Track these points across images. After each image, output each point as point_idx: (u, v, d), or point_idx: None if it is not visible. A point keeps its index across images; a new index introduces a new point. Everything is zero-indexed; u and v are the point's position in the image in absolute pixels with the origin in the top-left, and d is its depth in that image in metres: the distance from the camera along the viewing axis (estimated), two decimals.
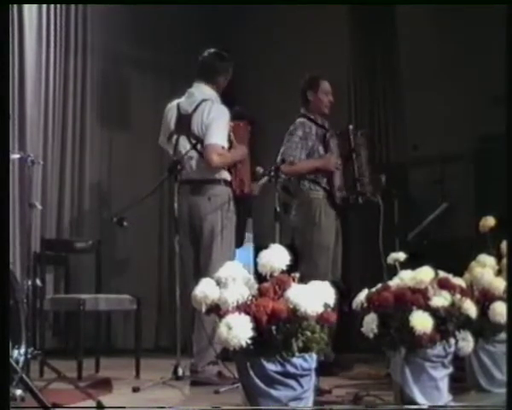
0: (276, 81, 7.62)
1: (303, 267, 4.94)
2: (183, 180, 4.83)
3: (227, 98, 5.06)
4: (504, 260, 4.11)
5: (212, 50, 5.04)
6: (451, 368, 3.64)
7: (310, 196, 5.46)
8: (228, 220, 4.87)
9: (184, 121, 4.89)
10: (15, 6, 6.40)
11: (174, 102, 5.02)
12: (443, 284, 3.65)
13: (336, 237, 5.51)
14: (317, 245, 5.37)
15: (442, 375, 3.60)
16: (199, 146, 4.81)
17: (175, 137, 4.92)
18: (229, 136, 4.89)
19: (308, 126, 5.48)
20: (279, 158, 5.30)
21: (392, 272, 3.76)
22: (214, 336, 4.00)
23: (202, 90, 4.95)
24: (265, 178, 4.81)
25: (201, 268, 4.76)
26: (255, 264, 3.20)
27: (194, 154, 4.82)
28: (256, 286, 3.16)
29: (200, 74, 4.99)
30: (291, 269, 3.19)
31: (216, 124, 4.79)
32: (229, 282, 3.14)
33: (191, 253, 4.88)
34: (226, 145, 4.85)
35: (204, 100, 4.88)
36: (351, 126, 5.57)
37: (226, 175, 4.89)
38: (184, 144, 4.86)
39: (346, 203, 5.48)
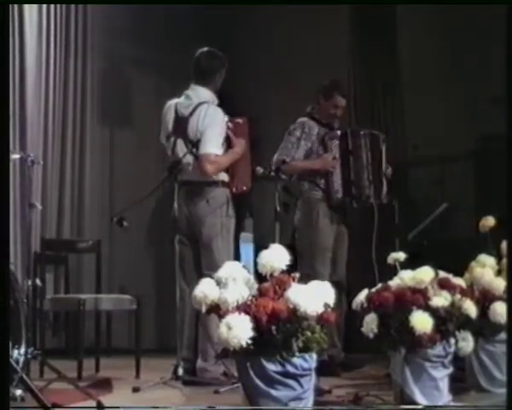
0: (276, 81, 7.61)
1: (300, 267, 4.93)
2: (183, 181, 4.84)
3: (224, 95, 5.06)
4: (504, 260, 4.12)
5: (205, 50, 5.00)
6: (451, 368, 3.65)
7: (309, 196, 5.48)
8: (227, 221, 4.88)
9: (181, 124, 4.88)
10: (15, 6, 6.39)
11: (172, 102, 4.99)
12: (443, 284, 3.66)
13: (338, 237, 5.52)
14: (315, 246, 5.40)
15: (442, 375, 3.60)
16: (194, 150, 4.80)
17: (172, 139, 4.91)
18: (227, 135, 4.88)
19: (308, 127, 5.48)
20: (275, 156, 5.32)
21: (392, 271, 3.77)
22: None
23: (199, 93, 4.92)
24: (261, 170, 4.81)
25: (203, 270, 4.73)
26: (255, 264, 3.21)
27: (190, 158, 4.82)
28: (256, 286, 3.17)
29: (196, 76, 4.96)
30: (291, 269, 3.19)
31: (210, 130, 4.78)
32: (229, 282, 3.15)
33: (191, 255, 4.89)
34: (220, 150, 4.83)
35: (200, 103, 4.86)
36: (349, 129, 5.56)
37: (224, 176, 4.88)
38: (182, 147, 4.86)
39: (341, 206, 5.48)
